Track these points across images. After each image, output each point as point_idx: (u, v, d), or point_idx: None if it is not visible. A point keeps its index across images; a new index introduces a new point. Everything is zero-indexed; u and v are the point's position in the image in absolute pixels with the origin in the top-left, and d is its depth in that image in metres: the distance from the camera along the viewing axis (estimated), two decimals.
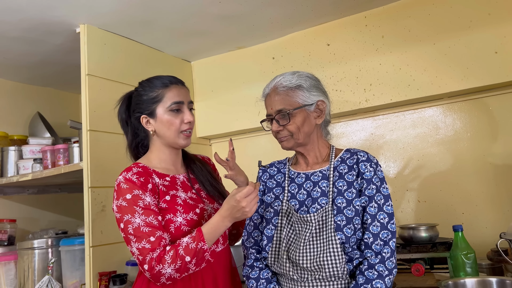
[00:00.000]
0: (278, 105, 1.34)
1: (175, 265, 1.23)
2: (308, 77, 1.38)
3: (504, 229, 1.68)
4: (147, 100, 1.42)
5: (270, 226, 1.37)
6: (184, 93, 1.45)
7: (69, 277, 2.15)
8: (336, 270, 1.24)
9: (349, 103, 2.28)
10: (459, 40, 2.03)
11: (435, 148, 2.19)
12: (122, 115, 1.49)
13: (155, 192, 1.35)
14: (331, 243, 1.25)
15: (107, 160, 2.06)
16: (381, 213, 1.28)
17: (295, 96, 1.34)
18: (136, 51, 2.40)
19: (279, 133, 1.37)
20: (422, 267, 1.67)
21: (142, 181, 1.33)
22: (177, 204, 1.36)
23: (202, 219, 1.38)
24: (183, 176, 1.47)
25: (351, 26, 2.30)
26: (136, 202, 1.29)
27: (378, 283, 1.21)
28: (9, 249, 2.48)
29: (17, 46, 2.35)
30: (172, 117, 1.40)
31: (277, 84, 1.36)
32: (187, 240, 1.27)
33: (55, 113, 3.03)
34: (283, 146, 1.40)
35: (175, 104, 1.40)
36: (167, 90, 1.41)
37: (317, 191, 1.34)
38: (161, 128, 1.41)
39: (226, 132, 2.71)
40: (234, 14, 2.17)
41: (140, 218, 1.27)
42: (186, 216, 1.35)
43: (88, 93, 2.08)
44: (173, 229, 1.33)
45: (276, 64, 2.51)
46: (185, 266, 1.25)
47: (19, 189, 2.73)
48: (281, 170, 1.47)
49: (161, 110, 1.41)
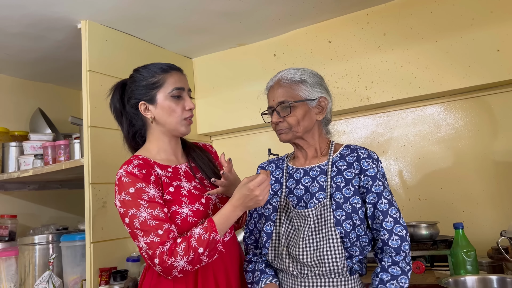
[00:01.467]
0: (281, 96, 1.35)
1: (188, 257, 1.19)
2: (313, 74, 1.39)
3: (504, 227, 1.68)
4: (146, 85, 1.37)
5: (269, 222, 1.37)
6: (184, 79, 1.42)
7: (70, 273, 2.16)
8: (336, 265, 1.24)
9: (350, 101, 2.28)
10: (461, 38, 2.03)
11: (436, 146, 2.19)
12: (116, 105, 1.43)
13: (158, 184, 1.30)
14: (331, 237, 1.25)
15: (108, 156, 2.06)
16: (392, 208, 1.29)
17: (298, 89, 1.35)
18: (137, 47, 2.40)
19: (278, 125, 1.37)
20: (422, 264, 1.68)
21: (144, 173, 1.29)
22: (182, 195, 1.32)
23: (208, 209, 1.35)
24: (185, 165, 1.44)
25: (353, 23, 2.30)
26: (140, 195, 1.24)
27: (403, 278, 1.23)
28: (10, 245, 2.48)
29: (18, 42, 2.35)
30: (173, 103, 1.36)
31: (281, 77, 1.38)
32: (199, 231, 1.22)
33: (56, 109, 3.03)
34: (281, 139, 1.39)
35: (176, 90, 1.37)
36: (168, 76, 1.38)
37: (316, 186, 1.34)
38: (162, 115, 1.37)
39: (227, 129, 2.71)
40: (236, 11, 2.16)
41: (146, 212, 1.23)
42: (192, 207, 1.31)
43: (89, 89, 2.08)
44: (179, 221, 1.29)
45: (278, 61, 2.50)
46: (198, 258, 1.21)
47: (20, 185, 2.73)
48: (280, 166, 1.47)
49: (162, 96, 1.36)
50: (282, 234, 1.33)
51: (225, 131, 2.74)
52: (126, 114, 1.43)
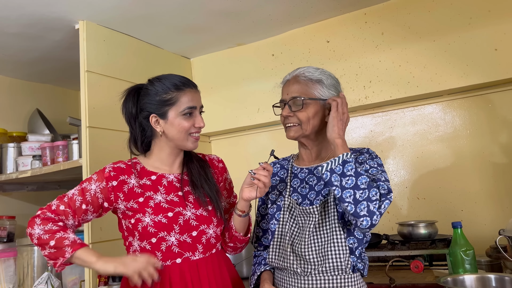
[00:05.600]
0: (295, 92, 1.36)
1: (40, 232, 1.30)
2: (330, 76, 1.40)
3: (503, 226, 1.68)
4: (159, 101, 1.38)
5: (273, 221, 1.39)
6: (197, 97, 1.43)
7: (69, 274, 2.16)
8: (339, 262, 1.26)
9: (348, 100, 2.22)
10: (459, 37, 2.03)
11: (434, 145, 2.19)
12: (130, 110, 1.44)
13: (118, 190, 1.37)
14: (335, 233, 1.27)
15: (107, 157, 2.04)
16: (382, 173, 1.27)
17: (314, 88, 1.35)
18: (136, 47, 2.40)
19: (288, 119, 1.37)
20: (421, 263, 1.68)
21: (111, 175, 1.37)
22: (148, 206, 1.35)
23: (174, 223, 1.35)
24: (174, 175, 1.44)
25: (351, 23, 2.30)
26: (84, 182, 1.38)
27: (362, 182, 1.18)
28: (8, 246, 2.48)
29: (16, 42, 2.34)
30: (184, 121, 1.38)
31: (299, 73, 1.38)
32: (72, 237, 1.31)
33: (54, 110, 3.02)
34: (288, 135, 1.39)
35: (188, 109, 1.38)
36: (181, 94, 1.38)
37: (321, 183, 1.36)
38: (171, 131, 1.38)
39: (225, 129, 2.71)
40: (234, 10, 2.16)
41: (73, 192, 1.37)
42: (154, 218, 1.34)
43: (88, 89, 2.07)
44: (140, 228, 1.34)
45: (276, 61, 2.50)
46: (43, 244, 1.29)
47: (18, 186, 2.72)
48: (285, 166, 1.50)
49: (173, 114, 1.37)
50: (286, 232, 1.35)
51: (224, 131, 2.74)
52: (138, 121, 1.44)
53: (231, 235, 1.45)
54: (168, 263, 1.35)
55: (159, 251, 1.34)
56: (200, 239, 1.38)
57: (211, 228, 1.40)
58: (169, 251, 1.34)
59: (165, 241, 1.34)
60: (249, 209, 1.42)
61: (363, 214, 1.15)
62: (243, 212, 1.40)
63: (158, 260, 1.31)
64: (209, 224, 1.40)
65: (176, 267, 1.34)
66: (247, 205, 1.40)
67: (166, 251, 1.34)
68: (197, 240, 1.37)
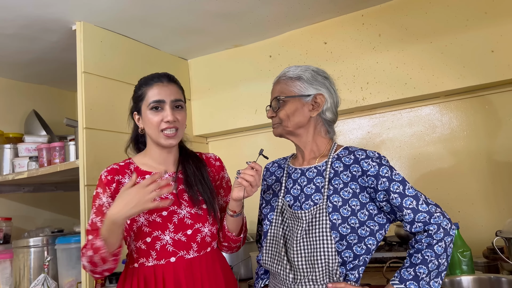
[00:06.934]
0: (276, 92, 1.39)
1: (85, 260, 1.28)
2: (313, 71, 1.38)
3: (500, 227, 1.68)
4: (135, 98, 1.46)
5: (266, 221, 1.36)
6: (167, 91, 1.41)
7: (65, 276, 2.15)
8: (328, 271, 1.20)
9: (346, 102, 2.28)
10: (456, 38, 2.03)
11: (431, 147, 2.20)
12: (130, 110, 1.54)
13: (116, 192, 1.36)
14: (325, 241, 1.21)
15: (103, 158, 2.05)
16: (406, 199, 1.23)
17: (293, 86, 1.36)
18: (133, 48, 2.40)
19: (272, 119, 1.40)
20: None
21: (108, 179, 1.39)
22: None
23: (169, 222, 1.37)
24: (168, 174, 1.46)
25: (348, 24, 2.30)
26: (95, 199, 1.38)
27: (447, 239, 1.23)
28: (4, 248, 2.46)
29: (13, 44, 2.33)
30: (152, 116, 1.40)
31: (282, 74, 1.41)
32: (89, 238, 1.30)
33: (51, 111, 3.01)
34: (273, 133, 1.42)
35: (154, 103, 1.39)
36: (149, 89, 1.42)
37: (311, 187, 1.31)
38: (146, 127, 1.43)
39: (223, 131, 2.71)
40: (231, 12, 2.16)
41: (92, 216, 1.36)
42: (148, 217, 1.36)
43: (84, 91, 2.07)
44: (135, 227, 1.36)
45: (273, 62, 2.50)
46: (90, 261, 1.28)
47: (14, 187, 2.71)
48: (282, 165, 1.48)
49: (144, 108, 1.42)
50: (280, 236, 1.30)
51: (221, 132, 2.74)
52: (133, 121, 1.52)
53: (224, 235, 1.45)
54: (162, 262, 1.35)
55: (154, 250, 1.34)
56: (195, 237, 1.38)
57: (207, 227, 1.41)
58: (163, 250, 1.35)
59: (159, 240, 1.35)
60: (241, 209, 1.41)
61: None
62: (234, 212, 1.39)
63: None
64: (204, 223, 1.40)
65: (170, 266, 1.34)
66: (237, 205, 1.38)
67: (160, 250, 1.35)
68: (192, 238, 1.38)
